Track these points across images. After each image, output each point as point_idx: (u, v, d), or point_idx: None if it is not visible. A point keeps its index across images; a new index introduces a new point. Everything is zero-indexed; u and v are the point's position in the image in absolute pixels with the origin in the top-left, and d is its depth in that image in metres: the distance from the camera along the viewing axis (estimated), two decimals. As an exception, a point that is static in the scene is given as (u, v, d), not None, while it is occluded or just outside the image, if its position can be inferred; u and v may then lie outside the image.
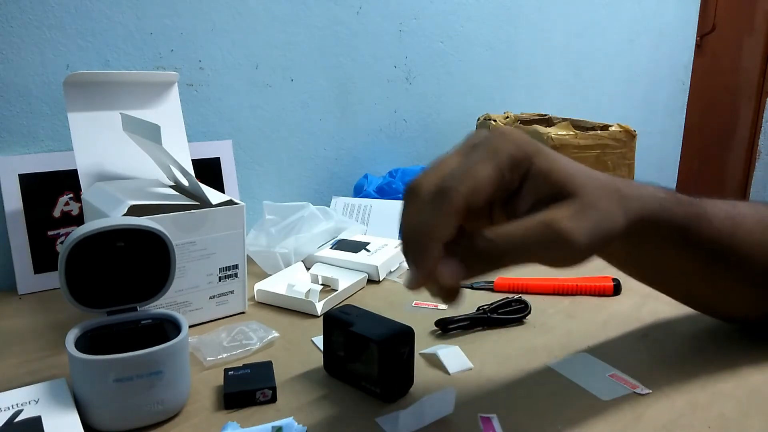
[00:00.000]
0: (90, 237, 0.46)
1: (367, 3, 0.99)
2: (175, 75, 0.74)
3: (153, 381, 0.44)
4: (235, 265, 0.63)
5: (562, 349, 0.56)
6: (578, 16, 1.28)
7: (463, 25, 1.11)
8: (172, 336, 0.46)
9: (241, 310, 0.65)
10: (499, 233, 0.35)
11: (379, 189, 0.95)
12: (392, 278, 0.76)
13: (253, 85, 0.91)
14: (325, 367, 0.52)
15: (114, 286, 0.49)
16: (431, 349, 0.55)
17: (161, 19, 0.81)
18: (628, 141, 0.91)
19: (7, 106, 0.73)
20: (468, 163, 0.36)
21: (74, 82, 0.66)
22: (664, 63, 1.49)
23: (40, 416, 0.43)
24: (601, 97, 1.38)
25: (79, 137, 0.67)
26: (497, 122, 0.96)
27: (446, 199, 0.34)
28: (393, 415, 0.45)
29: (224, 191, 0.86)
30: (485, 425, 0.44)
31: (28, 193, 0.73)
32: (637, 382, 0.50)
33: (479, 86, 1.17)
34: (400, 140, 1.09)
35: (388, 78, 1.05)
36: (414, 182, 0.37)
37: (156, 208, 0.58)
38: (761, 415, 0.45)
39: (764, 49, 2.31)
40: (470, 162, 0.36)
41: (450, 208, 0.34)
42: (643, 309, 0.65)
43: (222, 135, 0.89)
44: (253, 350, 0.56)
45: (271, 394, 0.48)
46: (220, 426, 0.44)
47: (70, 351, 0.43)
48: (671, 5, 1.45)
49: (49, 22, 0.74)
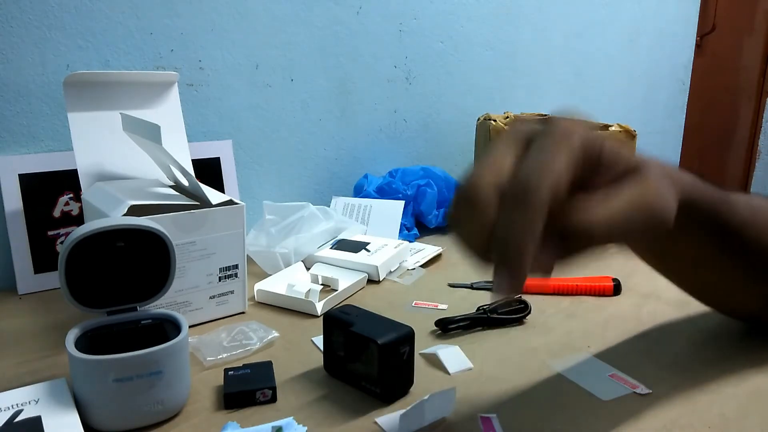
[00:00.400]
0: (90, 237, 0.46)
1: (367, 3, 0.99)
2: (175, 75, 0.74)
3: (153, 381, 0.44)
4: (235, 265, 0.63)
5: (562, 349, 0.56)
6: (578, 16, 1.28)
7: (463, 25, 1.11)
8: (172, 336, 0.46)
9: (241, 310, 0.65)
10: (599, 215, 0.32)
11: (379, 189, 0.95)
12: (392, 278, 0.76)
13: (253, 85, 0.91)
14: (325, 367, 0.52)
15: (114, 286, 0.49)
16: (431, 349, 0.55)
17: (161, 19, 0.81)
18: (628, 141, 0.91)
19: (7, 106, 0.73)
20: (541, 158, 0.33)
21: (74, 82, 0.66)
22: (664, 63, 1.49)
23: (40, 416, 0.43)
24: (601, 97, 1.38)
25: (79, 137, 0.67)
26: (497, 122, 0.96)
27: (530, 202, 0.31)
28: (393, 415, 0.45)
29: (224, 191, 0.86)
30: (485, 425, 0.44)
31: (28, 193, 0.73)
32: (637, 382, 0.50)
33: (479, 86, 1.17)
34: (400, 140, 1.09)
35: (388, 78, 1.05)
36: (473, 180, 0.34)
37: (156, 208, 0.58)
38: (761, 415, 0.45)
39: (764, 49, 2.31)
40: (543, 156, 0.33)
41: (536, 212, 0.31)
42: (643, 309, 0.65)
43: (222, 135, 0.89)
44: (253, 350, 0.56)
45: (271, 394, 0.48)
46: (220, 426, 0.44)
47: (70, 351, 0.43)
48: (671, 5, 1.45)
49: (49, 22, 0.74)
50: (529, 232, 0.31)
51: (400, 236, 0.89)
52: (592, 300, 0.68)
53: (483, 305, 0.63)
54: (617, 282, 0.70)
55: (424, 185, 0.95)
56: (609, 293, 0.69)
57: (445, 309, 0.66)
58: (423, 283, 0.74)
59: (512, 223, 0.32)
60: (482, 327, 0.61)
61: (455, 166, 1.14)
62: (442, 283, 0.74)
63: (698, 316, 0.60)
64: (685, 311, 0.64)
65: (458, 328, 0.60)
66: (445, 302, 0.68)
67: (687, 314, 0.62)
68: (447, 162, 1.12)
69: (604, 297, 0.69)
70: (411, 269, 0.78)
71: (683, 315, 0.63)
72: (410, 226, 0.93)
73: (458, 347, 0.56)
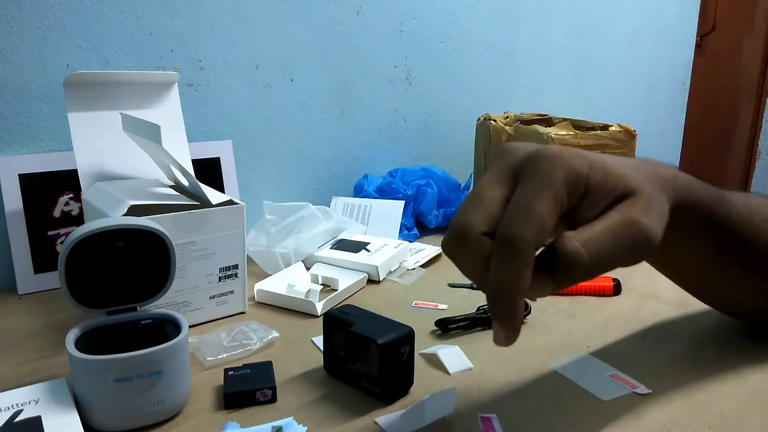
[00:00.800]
0: (90, 237, 0.46)
1: (367, 3, 0.99)
2: (175, 75, 0.74)
3: (153, 381, 0.44)
4: (235, 265, 0.63)
5: (562, 349, 0.56)
6: (578, 16, 1.28)
7: (463, 25, 1.11)
8: (172, 336, 0.46)
9: (241, 310, 0.65)
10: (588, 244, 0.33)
11: (379, 189, 0.95)
12: (392, 278, 0.76)
13: (253, 85, 0.91)
14: (325, 367, 0.52)
15: (114, 286, 0.49)
16: (431, 349, 0.55)
17: (161, 19, 0.81)
18: (628, 141, 0.91)
19: (7, 106, 0.73)
20: (524, 202, 0.33)
21: (74, 82, 0.66)
22: (664, 63, 1.48)
23: (40, 416, 0.43)
24: (601, 97, 1.38)
25: (79, 137, 0.67)
26: (497, 122, 0.96)
27: (516, 252, 0.32)
28: (393, 415, 0.45)
29: (224, 191, 0.86)
30: (485, 425, 0.44)
31: (28, 193, 0.73)
32: (637, 382, 0.50)
33: (479, 86, 1.17)
34: (400, 140, 1.09)
35: (388, 78, 1.05)
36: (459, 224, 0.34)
37: (156, 208, 0.58)
38: (761, 415, 0.45)
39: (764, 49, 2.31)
40: (526, 199, 0.33)
41: (523, 261, 0.32)
42: (643, 309, 0.65)
43: (222, 135, 0.89)
44: (253, 350, 0.56)
45: (271, 394, 0.48)
46: (220, 426, 0.44)
47: (70, 351, 0.43)
48: (671, 5, 1.45)
49: (49, 22, 0.74)
50: (516, 279, 0.32)
51: (400, 236, 0.89)
52: (592, 300, 0.68)
53: (483, 305, 0.63)
54: (617, 282, 0.70)
55: (424, 185, 0.95)
56: (609, 293, 0.69)
57: (445, 309, 0.66)
58: (423, 283, 0.74)
59: (499, 272, 0.33)
60: (482, 327, 0.61)
61: (455, 166, 1.14)
62: (442, 283, 0.74)
63: (698, 315, 0.60)
64: (685, 311, 0.64)
65: (458, 328, 0.60)
66: (445, 302, 0.68)
67: (687, 314, 0.62)
68: (447, 162, 1.12)
69: (604, 297, 0.69)
70: (411, 269, 0.78)
71: (683, 315, 0.63)
72: (410, 226, 0.93)
73: (458, 347, 0.56)
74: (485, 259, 0.34)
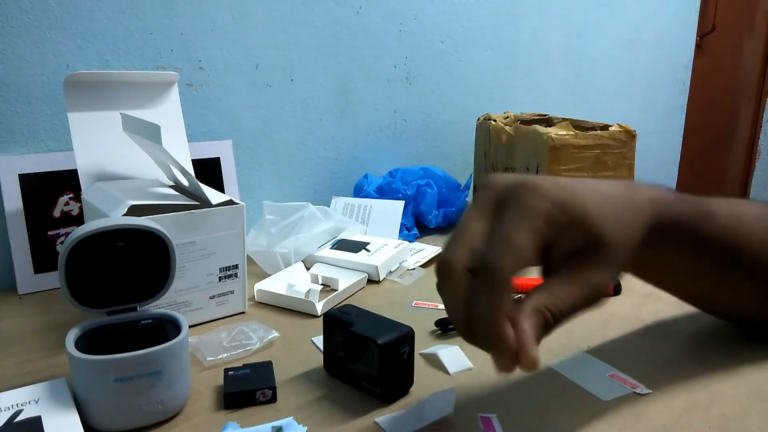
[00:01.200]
0: (90, 237, 0.46)
1: (367, 3, 0.99)
2: (175, 75, 0.74)
3: (153, 381, 0.44)
4: (235, 265, 0.63)
5: (562, 349, 0.56)
6: (578, 16, 1.28)
7: (463, 25, 1.11)
8: (172, 336, 0.46)
9: (241, 310, 0.65)
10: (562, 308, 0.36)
11: (379, 189, 0.95)
12: (392, 278, 0.76)
13: (253, 85, 0.91)
14: (325, 367, 0.52)
15: (114, 286, 0.49)
16: (431, 349, 0.55)
17: (161, 19, 0.81)
18: (628, 141, 0.91)
19: (7, 106, 0.73)
20: (503, 232, 0.34)
21: (74, 82, 0.66)
22: (664, 63, 1.48)
23: (40, 416, 0.43)
24: (601, 97, 1.38)
25: (79, 137, 0.67)
26: (497, 122, 0.96)
27: (492, 279, 0.34)
28: (393, 415, 0.45)
29: (224, 191, 0.86)
30: (485, 425, 0.44)
31: (28, 193, 0.73)
32: (637, 382, 0.50)
33: (479, 86, 1.17)
34: (400, 140, 1.09)
35: (388, 78, 1.05)
36: (445, 259, 0.36)
37: (156, 208, 0.58)
38: (761, 415, 0.45)
39: (764, 49, 2.31)
40: (505, 230, 0.34)
41: (501, 289, 0.34)
42: (643, 309, 0.65)
43: (222, 135, 0.89)
44: (253, 350, 0.56)
45: (271, 394, 0.48)
46: (220, 426, 0.44)
47: (70, 351, 0.43)
48: (671, 5, 1.45)
49: (49, 22, 0.74)
50: (496, 308, 0.34)
51: (400, 236, 0.89)
52: (592, 300, 0.68)
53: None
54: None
55: (424, 185, 0.95)
56: (609, 293, 0.69)
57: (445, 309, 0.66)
58: (423, 283, 0.74)
59: (478, 300, 0.34)
60: (482, 327, 0.61)
61: (455, 166, 1.14)
62: (442, 283, 0.74)
63: (698, 315, 0.60)
64: (685, 311, 0.64)
65: (458, 328, 0.60)
66: (445, 302, 0.68)
67: (687, 314, 0.62)
68: (447, 162, 1.12)
69: (604, 297, 0.69)
70: (411, 269, 0.78)
71: (683, 315, 0.63)
72: (410, 226, 0.93)
73: (458, 347, 0.56)
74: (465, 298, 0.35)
